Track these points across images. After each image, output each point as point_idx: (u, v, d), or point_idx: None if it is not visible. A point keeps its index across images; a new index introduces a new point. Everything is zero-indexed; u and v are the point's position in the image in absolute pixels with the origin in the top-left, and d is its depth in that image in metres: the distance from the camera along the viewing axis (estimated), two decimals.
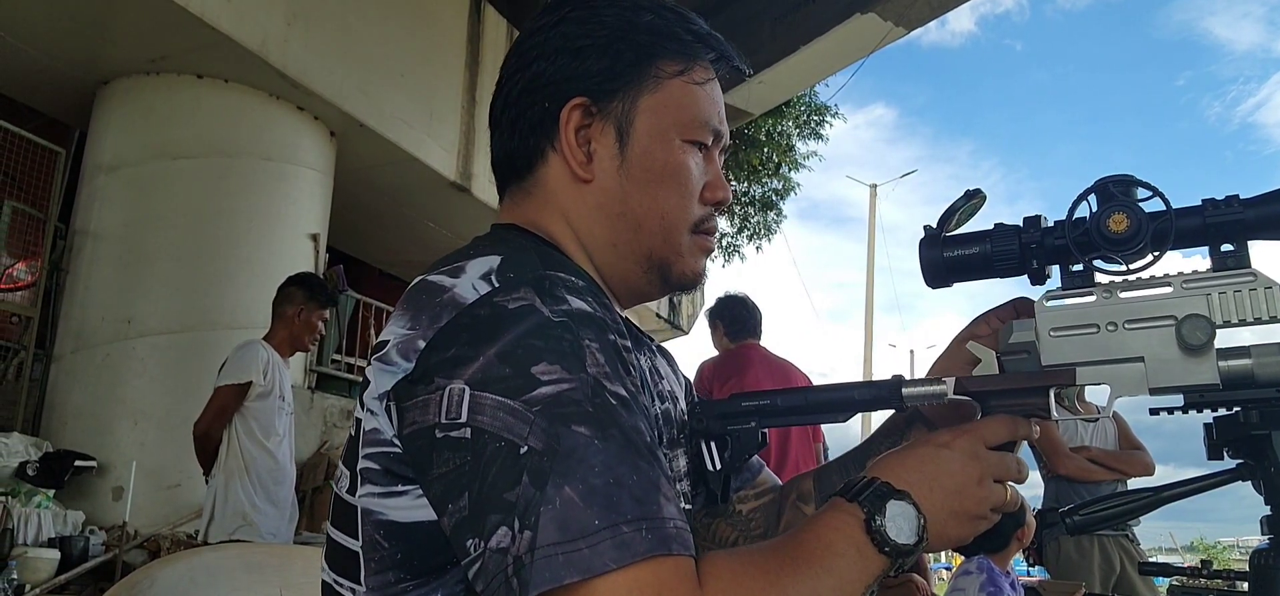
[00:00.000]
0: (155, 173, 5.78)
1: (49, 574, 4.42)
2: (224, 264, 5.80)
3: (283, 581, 1.36)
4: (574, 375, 0.65)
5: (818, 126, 12.05)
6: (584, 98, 0.84)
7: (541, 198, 0.88)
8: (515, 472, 0.62)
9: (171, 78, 5.85)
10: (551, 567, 0.59)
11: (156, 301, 5.58)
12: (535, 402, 0.64)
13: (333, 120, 6.42)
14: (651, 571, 0.60)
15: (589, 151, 0.85)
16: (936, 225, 0.85)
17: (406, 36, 6.79)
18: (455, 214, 7.81)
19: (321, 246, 6.51)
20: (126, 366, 5.44)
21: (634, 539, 0.60)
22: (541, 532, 0.60)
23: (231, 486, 3.54)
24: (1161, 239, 0.75)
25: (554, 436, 0.62)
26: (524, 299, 0.69)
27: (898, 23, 7.74)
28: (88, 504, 5.05)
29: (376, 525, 0.72)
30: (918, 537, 0.69)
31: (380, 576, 0.73)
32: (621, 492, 0.62)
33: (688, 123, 0.86)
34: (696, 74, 0.88)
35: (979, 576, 3.30)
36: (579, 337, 0.68)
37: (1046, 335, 0.78)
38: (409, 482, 0.70)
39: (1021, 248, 0.81)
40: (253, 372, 3.59)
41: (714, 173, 0.89)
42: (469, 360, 0.66)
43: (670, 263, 0.87)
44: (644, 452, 0.65)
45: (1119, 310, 0.76)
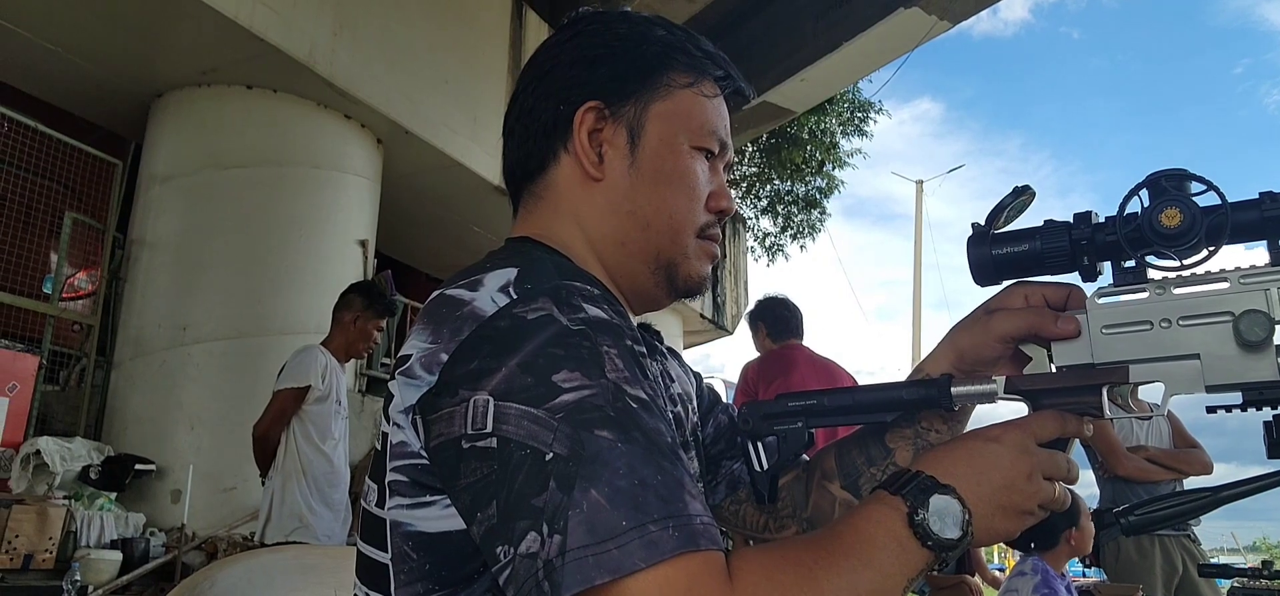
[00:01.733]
0: (207, 182, 5.91)
1: (111, 575, 4.53)
2: (275, 270, 5.91)
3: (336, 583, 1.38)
4: (594, 381, 0.67)
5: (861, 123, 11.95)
6: (598, 101, 0.87)
7: (552, 200, 0.90)
8: (542, 479, 0.63)
9: (222, 89, 5.98)
10: (582, 569, 0.60)
11: (210, 308, 5.70)
12: (558, 409, 0.65)
13: (379, 127, 6.51)
14: (680, 568, 0.61)
15: (601, 153, 0.88)
16: (985, 222, 0.83)
17: (450, 43, 6.87)
18: (499, 218, 7.88)
19: (370, 252, 6.61)
20: (182, 372, 5.56)
21: (661, 537, 0.61)
22: (571, 536, 0.61)
23: (288, 488, 3.61)
24: (1217, 233, 0.72)
25: (578, 441, 0.63)
26: (542, 309, 0.70)
27: (942, 16, 7.63)
28: (148, 506, 5.18)
29: (405, 536, 0.73)
30: (962, 532, 0.68)
31: (409, 588, 0.74)
32: (647, 493, 0.62)
33: (696, 130, 0.89)
34: (705, 88, 0.91)
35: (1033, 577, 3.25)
36: (598, 344, 0.69)
37: (1098, 332, 0.77)
38: (437, 493, 0.71)
39: (1072, 244, 0.79)
40: (311, 377, 3.66)
41: (719, 183, 0.92)
42: (492, 371, 0.67)
43: (677, 263, 0.88)
44: (667, 453, 0.66)
45: (1173, 306, 0.74)
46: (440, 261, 9.27)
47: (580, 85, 0.88)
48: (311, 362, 3.70)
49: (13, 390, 5.00)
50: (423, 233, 8.36)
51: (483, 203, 7.57)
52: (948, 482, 0.69)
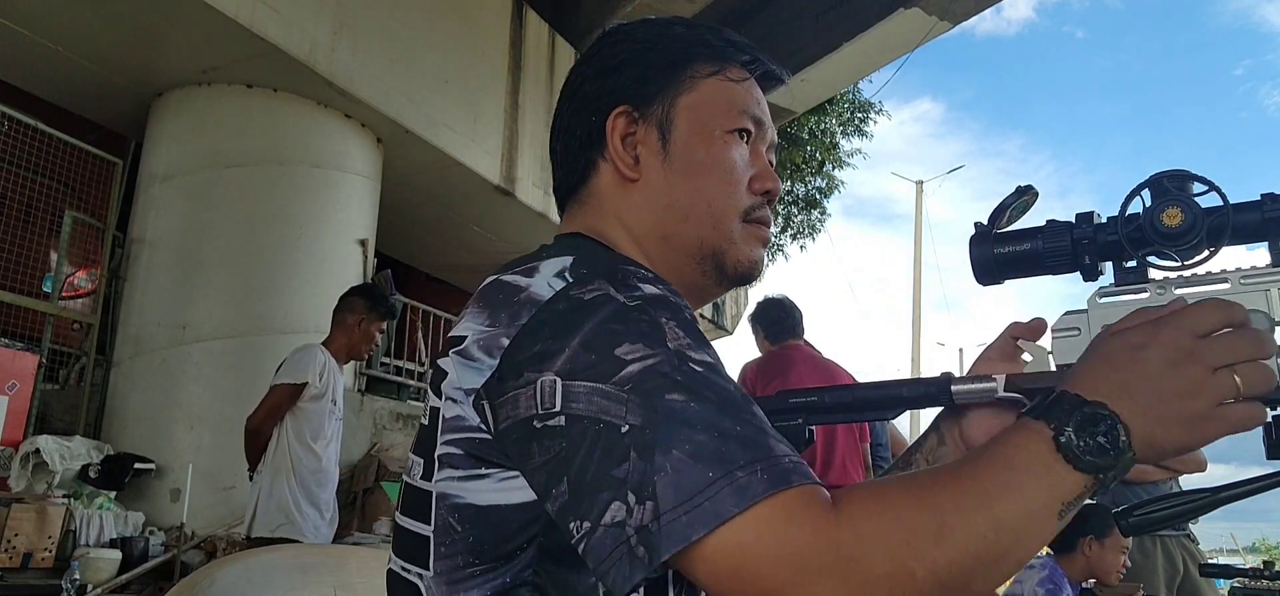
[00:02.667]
0: (208, 181, 5.91)
1: (110, 574, 4.53)
2: (275, 270, 5.91)
3: (336, 581, 1.38)
4: (657, 350, 0.67)
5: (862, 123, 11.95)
6: (626, 105, 0.89)
7: (595, 205, 0.91)
8: (621, 450, 0.63)
9: (222, 88, 5.98)
10: (676, 529, 0.61)
11: (210, 307, 5.70)
12: (626, 381, 0.65)
13: (379, 127, 6.51)
14: (774, 506, 0.61)
15: (635, 154, 0.89)
16: (987, 222, 0.84)
17: (450, 43, 6.86)
18: (500, 217, 7.88)
19: (370, 251, 6.61)
20: (182, 371, 5.56)
21: (751, 481, 0.61)
22: (661, 499, 0.61)
23: (277, 484, 3.62)
24: (1218, 234, 0.73)
25: (651, 408, 0.64)
26: (599, 289, 0.71)
27: (942, 17, 7.63)
28: (147, 505, 5.18)
29: (452, 508, 0.74)
30: (1119, 449, 0.62)
31: (449, 560, 0.74)
32: (728, 443, 0.63)
33: (726, 113, 0.89)
34: (731, 73, 0.91)
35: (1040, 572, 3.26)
36: (656, 317, 0.70)
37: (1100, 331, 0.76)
38: (493, 467, 0.72)
39: (1073, 244, 0.79)
40: (309, 374, 3.70)
41: (761, 164, 0.91)
42: (555, 353, 0.68)
43: (723, 251, 0.88)
44: (741, 405, 0.66)
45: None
46: (440, 261, 9.27)
47: (608, 93, 0.90)
48: (310, 360, 3.72)
49: (12, 389, 5.00)
50: (422, 232, 8.36)
51: (483, 202, 7.57)
52: (1095, 399, 0.64)
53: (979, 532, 0.60)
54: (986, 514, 0.61)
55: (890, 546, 0.60)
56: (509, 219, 7.87)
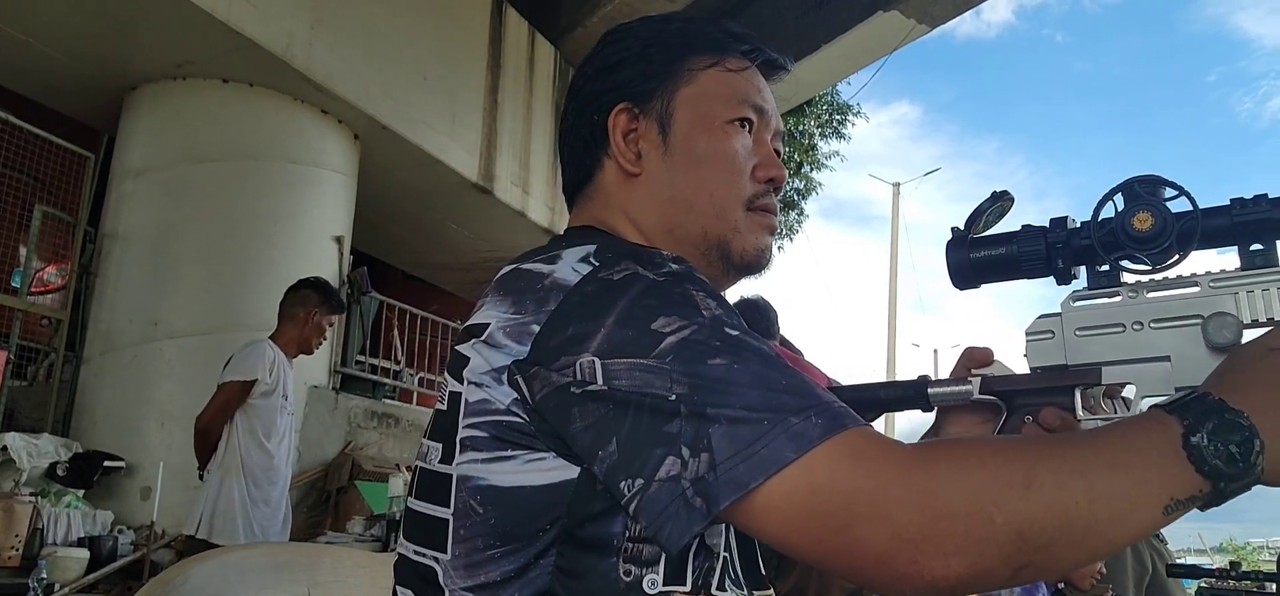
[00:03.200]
0: (182, 176, 5.84)
1: (78, 573, 4.47)
2: (249, 266, 5.86)
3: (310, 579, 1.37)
4: (692, 320, 0.68)
5: (840, 125, 12.01)
6: (626, 102, 0.90)
7: (601, 199, 0.92)
8: (670, 411, 0.64)
9: (197, 82, 5.91)
10: (737, 476, 0.61)
11: (183, 304, 5.64)
12: (666, 353, 0.66)
13: (356, 123, 6.47)
14: (839, 444, 0.62)
15: (638, 150, 0.90)
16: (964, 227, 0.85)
17: (429, 40, 6.83)
18: (478, 215, 7.85)
19: (346, 248, 6.56)
20: (154, 368, 5.50)
21: (806, 427, 0.62)
22: (718, 451, 0.62)
23: (227, 484, 3.57)
24: (1187, 238, 0.74)
25: (696, 375, 0.65)
26: (627, 269, 0.72)
27: (920, 20, 7.68)
28: (116, 503, 5.11)
29: (474, 490, 0.74)
30: (1248, 463, 0.60)
31: (468, 543, 0.74)
32: (778, 394, 0.64)
33: (726, 103, 0.89)
34: (729, 63, 0.91)
35: None
36: (687, 289, 0.71)
37: (1072, 335, 0.78)
38: (520, 448, 0.72)
39: (1047, 248, 0.80)
40: (259, 371, 3.65)
41: (764, 152, 0.91)
42: (591, 334, 0.68)
43: (728, 240, 0.88)
44: (782, 363, 0.67)
45: (1145, 309, 0.76)
46: (417, 258, 9.22)
47: (609, 91, 0.91)
48: (260, 357, 3.67)
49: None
50: (400, 229, 8.31)
51: (461, 200, 7.53)
52: (1238, 406, 0.61)
53: (1071, 496, 0.59)
54: (1083, 481, 0.59)
55: (971, 486, 0.59)
56: (487, 217, 7.84)
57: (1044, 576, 0.62)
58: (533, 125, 7.99)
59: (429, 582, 0.77)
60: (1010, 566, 0.59)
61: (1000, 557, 0.59)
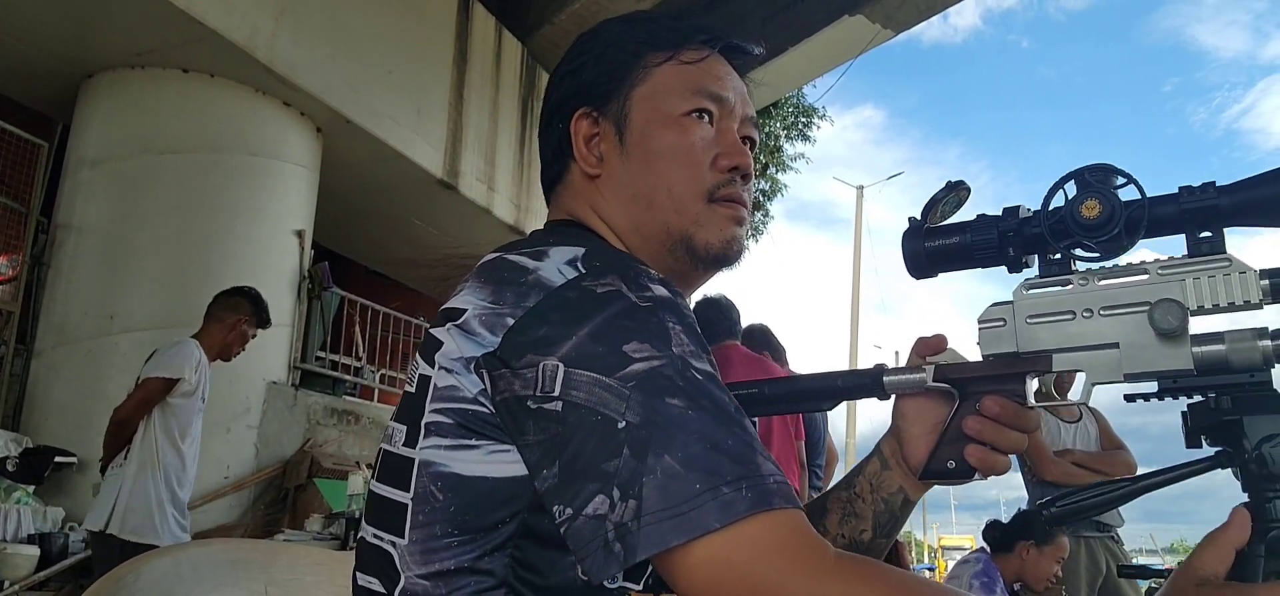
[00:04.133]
0: (140, 167, 5.74)
1: (28, 570, 4.38)
2: (209, 259, 5.76)
3: (268, 578, 1.35)
4: (663, 353, 0.68)
5: (805, 128, 12.09)
6: (586, 107, 0.91)
7: (571, 196, 0.93)
8: (614, 445, 0.64)
9: (157, 72, 5.81)
10: (658, 532, 0.62)
11: (140, 297, 5.54)
12: (630, 378, 0.66)
13: (319, 116, 6.39)
14: (756, 527, 0.62)
15: (599, 153, 0.90)
16: (920, 217, 0.86)
17: (395, 33, 6.77)
18: (442, 212, 7.79)
19: (307, 243, 6.49)
20: (109, 362, 5.39)
21: (735, 498, 0.62)
22: (646, 501, 0.62)
23: (140, 480, 3.50)
24: (1135, 226, 0.75)
25: (651, 409, 0.65)
26: (611, 285, 0.72)
27: (886, 25, 7.76)
28: (67, 500, 5.01)
29: (434, 476, 0.74)
30: None
31: (425, 528, 0.74)
32: (720, 457, 0.64)
33: (680, 96, 0.89)
34: (685, 55, 0.90)
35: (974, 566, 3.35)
36: (664, 320, 0.71)
37: (1023, 322, 0.79)
38: (484, 439, 0.72)
39: (1000, 236, 0.81)
40: (185, 370, 3.61)
41: (726, 141, 0.89)
42: (562, 339, 0.69)
43: (691, 234, 0.87)
44: (736, 419, 0.67)
45: (1095, 297, 0.76)
46: (380, 254, 9.14)
47: (570, 97, 0.92)
48: (187, 356, 3.64)
49: None
50: (363, 224, 8.22)
51: (425, 195, 7.47)
52: None
53: None
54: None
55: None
56: (451, 213, 7.79)
57: None
58: (499, 122, 7.95)
59: (386, 567, 0.76)
60: None
61: None
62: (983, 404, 0.82)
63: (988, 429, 0.81)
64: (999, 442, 0.82)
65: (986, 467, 0.83)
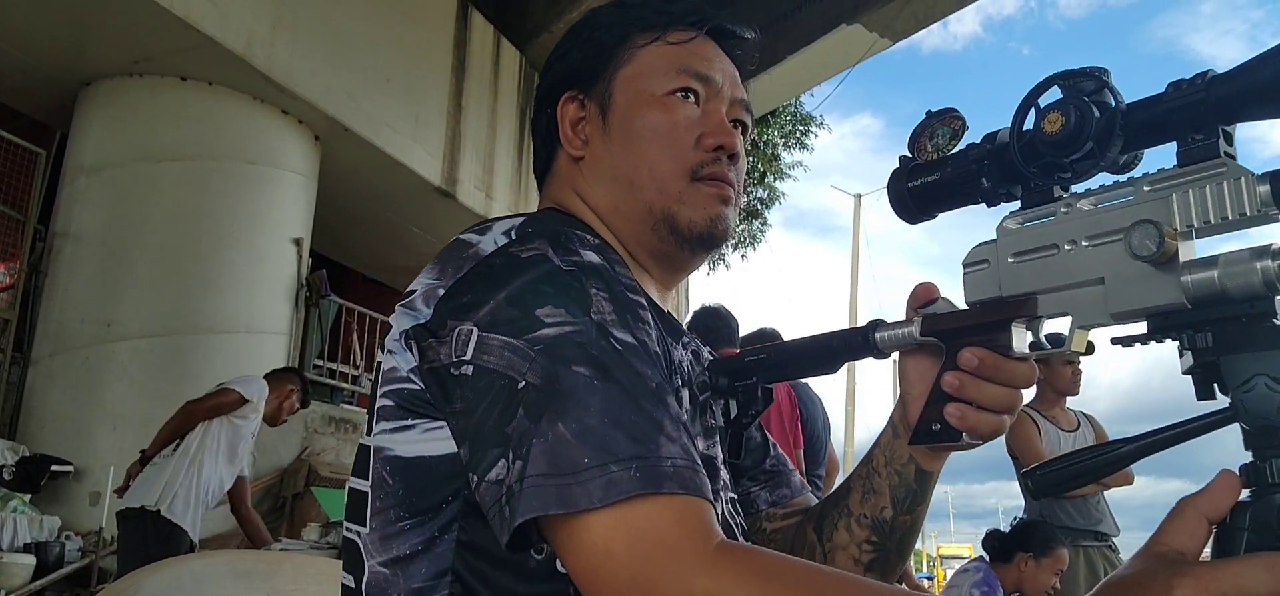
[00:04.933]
0: (137, 175, 5.74)
1: (24, 579, 4.36)
2: (206, 267, 5.77)
3: (271, 588, 1.34)
4: (577, 319, 0.66)
5: (803, 136, 12.12)
6: (572, 90, 0.91)
7: (558, 183, 0.93)
8: (512, 407, 0.63)
9: (155, 80, 5.81)
10: (538, 497, 0.60)
11: (137, 304, 5.53)
12: (537, 342, 0.65)
13: (317, 124, 6.39)
14: (639, 512, 0.59)
15: (585, 136, 0.91)
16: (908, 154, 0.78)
17: (393, 41, 6.77)
18: (440, 219, 7.79)
19: (305, 250, 6.48)
20: (106, 370, 5.39)
21: (623, 478, 0.59)
22: (531, 463, 0.61)
23: (189, 472, 3.78)
24: (1105, 138, 0.64)
25: (553, 375, 0.63)
26: (537, 249, 0.71)
27: (883, 34, 7.78)
28: (64, 509, 4.99)
29: (385, 461, 0.74)
30: None
31: (382, 515, 0.73)
32: (616, 432, 0.61)
33: (663, 75, 0.88)
34: (671, 36, 0.90)
35: (974, 575, 3.34)
36: (586, 286, 0.69)
37: (1006, 262, 0.69)
38: (418, 417, 0.72)
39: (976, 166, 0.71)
40: (255, 398, 4.00)
41: (711, 121, 0.88)
42: (481, 304, 0.68)
43: (674, 212, 0.86)
44: (647, 395, 0.64)
45: (1079, 225, 0.65)
46: (378, 262, 9.13)
47: (558, 81, 0.93)
48: (259, 391, 4.04)
49: None
50: (360, 232, 8.22)
51: (423, 203, 7.47)
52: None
53: None
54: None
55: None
56: (449, 221, 7.79)
57: None
58: (497, 129, 7.95)
59: (355, 559, 0.76)
60: None
61: None
62: (959, 356, 0.73)
63: (966, 383, 0.73)
64: (978, 398, 0.73)
65: (967, 427, 0.73)
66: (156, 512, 3.65)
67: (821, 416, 4.22)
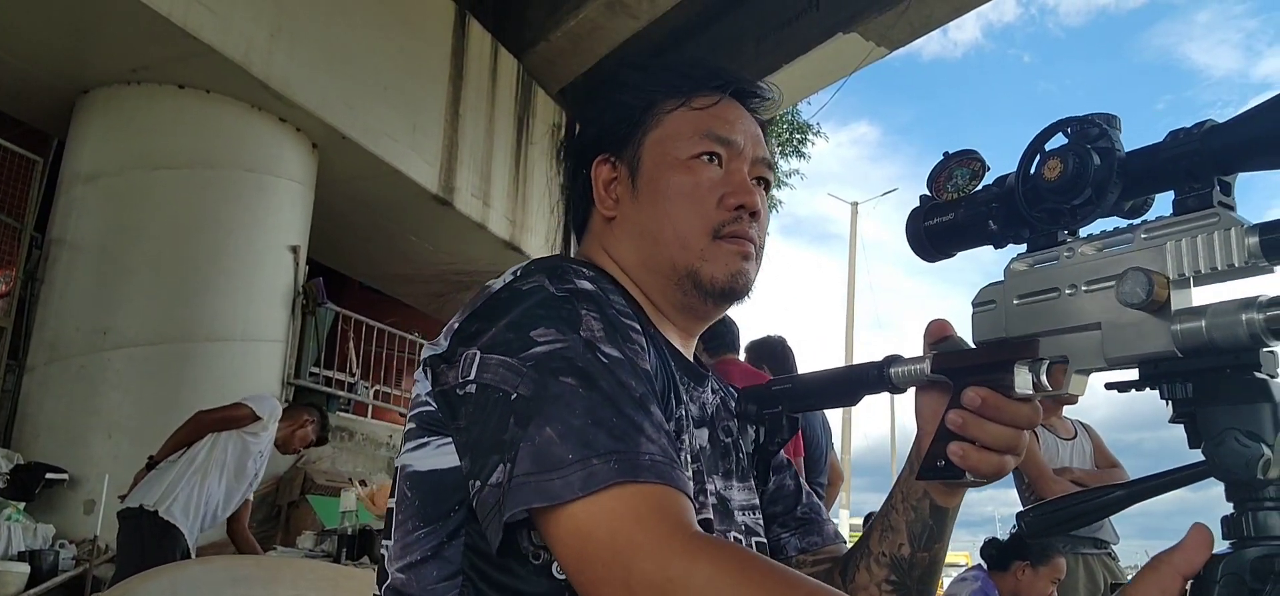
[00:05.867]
0: (134, 183, 5.73)
1: (18, 588, 4.34)
2: (203, 275, 5.76)
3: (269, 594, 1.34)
4: (567, 337, 0.73)
5: (800, 144, 12.15)
6: (605, 153, 0.97)
7: (591, 239, 0.99)
8: (505, 417, 0.69)
9: (153, 87, 5.81)
10: (522, 494, 0.65)
11: (134, 313, 5.52)
12: (530, 359, 0.71)
13: (315, 132, 6.39)
14: (617, 497, 0.63)
15: (615, 196, 0.96)
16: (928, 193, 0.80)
17: (391, 50, 6.78)
18: (437, 227, 7.78)
19: (302, 258, 6.48)
20: (102, 378, 5.37)
21: (602, 469, 0.64)
22: (519, 464, 0.66)
23: (192, 478, 3.80)
24: (1103, 186, 0.65)
25: (542, 385, 0.69)
26: (536, 281, 0.78)
27: (879, 42, 7.79)
28: (58, 517, 4.97)
29: (406, 477, 0.81)
30: None
31: (402, 527, 0.81)
32: (598, 431, 0.66)
33: (688, 139, 0.92)
34: (696, 101, 0.94)
35: (972, 584, 3.34)
36: (577, 308, 0.76)
37: (1012, 303, 0.71)
38: (433, 434, 0.79)
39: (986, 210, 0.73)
40: (267, 416, 4.03)
41: (733, 181, 0.92)
42: (484, 332, 0.76)
43: (696, 268, 0.90)
44: (630, 402, 0.70)
45: (1079, 270, 0.66)
46: (375, 270, 9.12)
47: (591, 143, 0.98)
48: (272, 411, 4.08)
49: None
50: (358, 240, 8.21)
51: (420, 211, 7.47)
52: None
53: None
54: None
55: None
56: (447, 229, 7.78)
57: None
58: (495, 137, 7.95)
59: (382, 570, 0.84)
60: None
61: None
62: (963, 395, 0.74)
63: (969, 422, 0.75)
64: (981, 436, 0.74)
65: (969, 466, 0.75)
66: (154, 513, 3.68)
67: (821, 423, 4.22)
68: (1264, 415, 0.56)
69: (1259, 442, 0.55)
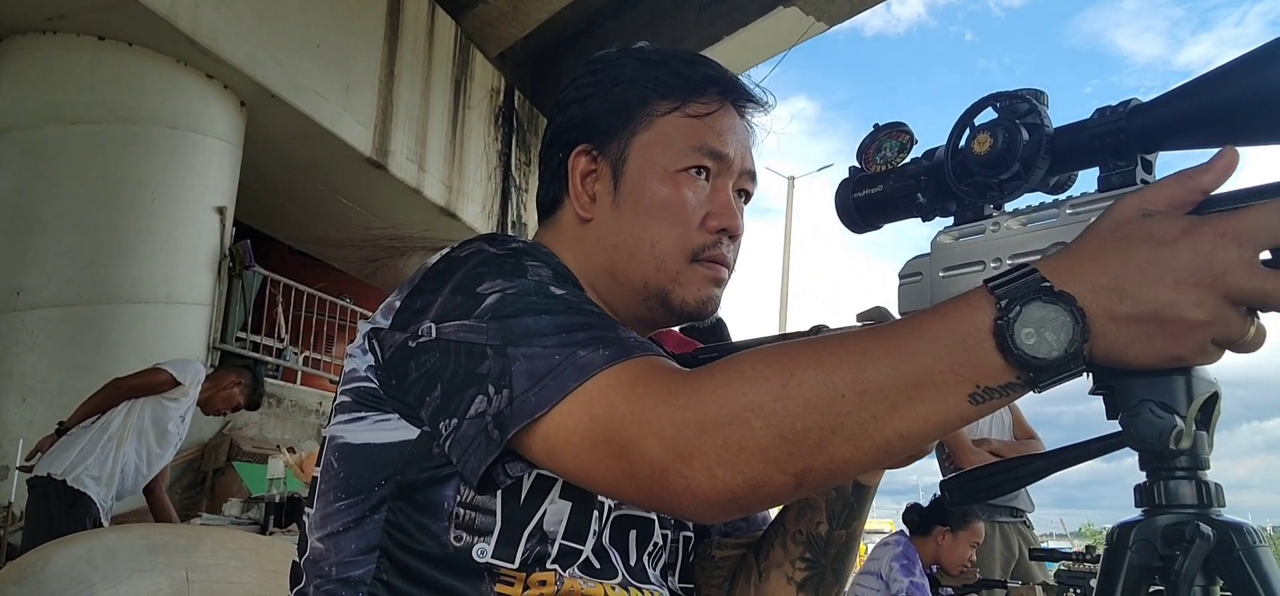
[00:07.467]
0: (50, 137, 5.51)
1: None
2: (123, 235, 5.57)
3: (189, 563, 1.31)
4: (514, 282, 0.73)
5: None
6: (587, 144, 0.91)
7: (556, 234, 0.94)
8: (477, 359, 0.70)
9: (70, 38, 5.57)
10: (527, 404, 0.66)
11: (50, 272, 5.32)
12: (485, 312, 0.71)
13: (243, 90, 6.20)
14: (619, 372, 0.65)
15: (592, 193, 0.91)
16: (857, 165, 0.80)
17: (323, 6, 6.59)
18: (370, 191, 7.64)
19: (228, 220, 6.31)
20: (15, 340, 5.18)
21: (592, 358, 0.66)
22: (516, 385, 0.67)
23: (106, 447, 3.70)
24: (1031, 161, 0.65)
25: (506, 327, 0.70)
26: (474, 246, 0.79)
27: (819, 17, 7.86)
28: None
29: (334, 448, 0.82)
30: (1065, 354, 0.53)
31: (325, 496, 0.82)
32: (575, 333, 0.68)
33: (679, 151, 0.88)
34: (692, 108, 0.89)
35: (895, 548, 3.45)
36: (522, 261, 0.76)
37: (938, 276, 0.71)
38: (371, 409, 0.79)
39: (914, 181, 0.73)
40: (188, 383, 3.91)
41: (718, 201, 0.89)
42: (431, 304, 0.75)
43: (668, 291, 0.88)
44: (594, 315, 0.71)
45: (1005, 244, 0.66)
46: (304, 233, 8.91)
47: (573, 128, 0.92)
48: (194, 375, 3.96)
49: None
50: (287, 202, 8.01)
51: (352, 173, 7.31)
52: (1065, 289, 0.53)
53: (835, 389, 0.56)
54: (851, 372, 0.56)
55: (729, 395, 0.59)
56: (380, 193, 7.64)
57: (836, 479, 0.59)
58: (431, 100, 7.82)
59: (302, 538, 0.85)
60: (785, 472, 0.58)
61: (769, 463, 0.57)
62: None
63: None
64: None
65: None
66: (63, 482, 3.60)
67: None
68: (1177, 388, 0.57)
69: (1172, 414, 0.57)
